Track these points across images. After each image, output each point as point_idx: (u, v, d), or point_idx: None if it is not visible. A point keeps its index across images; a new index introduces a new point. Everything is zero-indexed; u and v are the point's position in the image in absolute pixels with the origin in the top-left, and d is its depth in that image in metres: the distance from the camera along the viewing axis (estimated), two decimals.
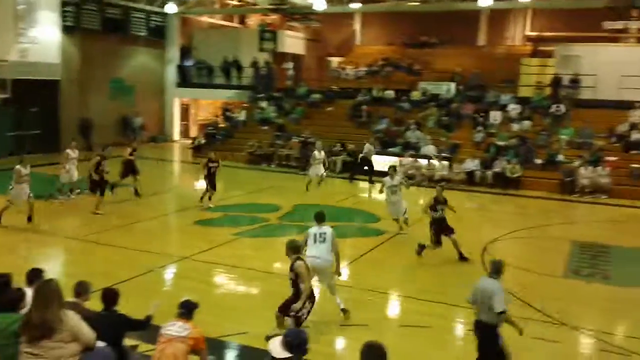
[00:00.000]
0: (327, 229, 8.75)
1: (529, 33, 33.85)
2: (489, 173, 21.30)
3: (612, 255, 13.01)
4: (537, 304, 9.56)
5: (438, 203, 12.00)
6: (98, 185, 15.19)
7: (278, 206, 16.71)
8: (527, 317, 9.20)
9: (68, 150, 16.83)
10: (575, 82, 24.78)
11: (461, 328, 9.02)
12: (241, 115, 28.86)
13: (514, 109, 24.51)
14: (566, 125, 23.08)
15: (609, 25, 25.86)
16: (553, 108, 23.89)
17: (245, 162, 24.72)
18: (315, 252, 8.50)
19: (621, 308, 9.98)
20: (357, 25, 38.00)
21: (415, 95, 27.06)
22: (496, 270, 6.75)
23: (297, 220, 15.43)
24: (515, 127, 23.70)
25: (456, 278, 11.01)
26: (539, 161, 21.62)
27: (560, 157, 21.35)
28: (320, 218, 8.94)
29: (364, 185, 21.54)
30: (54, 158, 19.51)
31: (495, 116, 24.31)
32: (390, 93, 27.48)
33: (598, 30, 26.77)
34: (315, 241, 8.56)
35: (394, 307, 9.86)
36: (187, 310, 5.78)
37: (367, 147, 21.83)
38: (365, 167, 21.44)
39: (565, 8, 29.25)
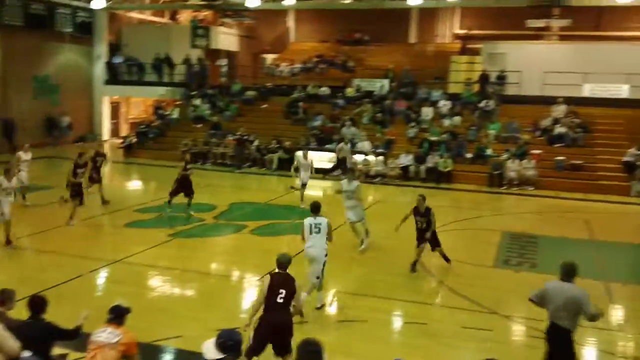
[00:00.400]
0: (322, 219, 9.04)
1: (457, 31, 34.76)
2: (422, 168, 21.76)
3: (539, 245, 13.55)
4: (469, 294, 9.85)
5: (417, 214, 11.01)
6: (78, 192, 14.15)
7: (213, 205, 16.53)
8: (457, 306, 9.50)
9: (20, 153, 16.10)
10: (501, 78, 25.65)
11: (396, 321, 9.19)
12: (174, 113, 28.35)
13: (444, 105, 25.11)
14: (494, 120, 23.85)
15: (531, 23, 26.86)
16: (482, 104, 24.62)
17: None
18: (310, 243, 8.91)
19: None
20: (291, 22, 38.02)
21: (350, 91, 27.31)
22: (568, 273, 6.36)
23: (234, 218, 15.32)
24: (446, 122, 24.30)
25: (390, 272, 11.19)
26: (469, 155, 22.26)
27: (489, 151, 22.05)
28: (315, 209, 9.19)
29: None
30: None
31: (427, 112, 24.85)
32: (325, 90, 27.63)
33: (523, 29, 27.79)
34: (311, 232, 8.91)
35: (331, 303, 9.93)
36: (117, 315, 5.63)
37: (341, 146, 21.77)
38: (342, 167, 21.25)
39: (491, 7, 30.20)
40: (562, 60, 24.99)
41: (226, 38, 34.39)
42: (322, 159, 22.02)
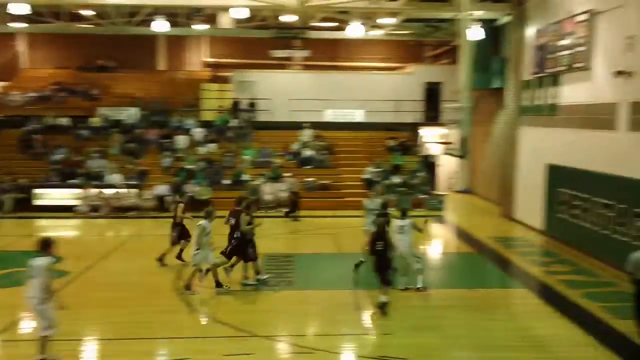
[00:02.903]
0: (406, 221, 11.40)
1: (206, 59, 35.04)
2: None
3: (295, 263, 13.94)
4: (231, 320, 9.63)
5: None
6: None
7: None
8: (219, 335, 9.22)
9: None
10: (252, 105, 26.36)
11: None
12: None
13: (198, 132, 24.93)
14: (248, 146, 24.32)
15: (276, 53, 28.21)
16: (235, 130, 24.94)
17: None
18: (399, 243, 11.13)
19: (306, 309, 10.64)
20: (22, 47, 34.60)
21: (95, 121, 25.61)
22: None
23: None
24: (201, 150, 24.12)
25: (151, 311, 10.48)
26: (226, 181, 22.30)
27: (245, 177, 22.34)
28: (404, 213, 11.62)
29: (40, 223, 19.45)
30: None
31: (181, 140, 24.38)
32: (65, 120, 25.49)
33: (269, 58, 28.98)
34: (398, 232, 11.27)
35: (90, 353, 8.84)
36: None
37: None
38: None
39: (238, 37, 31.03)
40: (306, 88, 26.69)
41: None
42: (65, 195, 20.27)
